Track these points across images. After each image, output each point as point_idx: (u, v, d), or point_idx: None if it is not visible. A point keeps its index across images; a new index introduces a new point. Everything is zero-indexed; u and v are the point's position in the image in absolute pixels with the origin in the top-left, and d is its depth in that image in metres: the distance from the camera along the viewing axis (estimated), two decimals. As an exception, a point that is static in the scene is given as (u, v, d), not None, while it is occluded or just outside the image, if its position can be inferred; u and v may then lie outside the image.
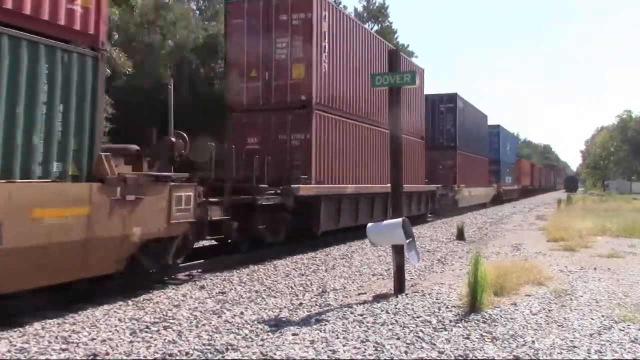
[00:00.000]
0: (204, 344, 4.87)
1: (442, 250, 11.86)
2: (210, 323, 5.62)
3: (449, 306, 6.20)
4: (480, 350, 4.71)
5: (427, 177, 20.47)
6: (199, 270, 8.80)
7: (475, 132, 29.47)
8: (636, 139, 75.73)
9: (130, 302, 6.52)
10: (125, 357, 4.57)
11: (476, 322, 5.54)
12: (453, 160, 24.69)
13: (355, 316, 5.82)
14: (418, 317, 5.73)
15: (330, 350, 4.67)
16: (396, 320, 5.62)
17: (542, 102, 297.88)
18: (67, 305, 6.16)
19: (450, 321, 5.60)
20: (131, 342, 4.95)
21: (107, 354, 4.62)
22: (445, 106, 25.15)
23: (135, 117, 18.71)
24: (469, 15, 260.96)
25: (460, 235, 13.96)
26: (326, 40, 12.32)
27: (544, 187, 73.20)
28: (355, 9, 45.59)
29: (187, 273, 8.56)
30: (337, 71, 12.88)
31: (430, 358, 4.53)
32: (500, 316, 5.76)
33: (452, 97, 25.47)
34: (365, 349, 4.71)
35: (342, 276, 8.57)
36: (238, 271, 8.91)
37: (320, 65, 12.00)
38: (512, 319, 5.69)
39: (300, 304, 6.57)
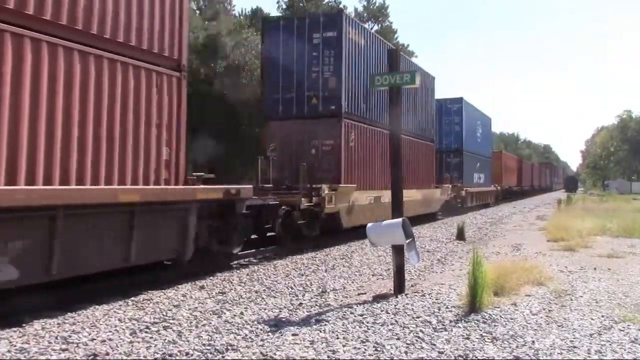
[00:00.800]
0: (204, 344, 4.88)
1: (442, 250, 11.85)
2: (210, 323, 5.62)
3: (449, 306, 6.20)
4: (481, 350, 4.71)
5: (273, 174, 12.29)
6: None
7: (406, 99, 17.19)
8: (636, 139, 75.90)
9: (130, 302, 6.52)
10: (125, 357, 4.57)
11: (476, 322, 5.54)
12: (336, 138, 13.02)
13: (355, 316, 5.81)
14: (418, 317, 5.73)
15: (330, 351, 4.67)
16: (396, 321, 5.62)
17: (542, 102, 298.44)
18: (67, 305, 6.15)
19: (450, 321, 5.60)
20: (131, 342, 4.95)
21: (107, 354, 4.62)
22: (323, 36, 13.17)
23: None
24: (468, 15, 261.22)
25: (460, 235, 13.96)
26: None
27: (537, 189, 62.10)
28: (356, 9, 45.67)
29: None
30: None
31: (430, 358, 4.53)
32: (500, 316, 5.76)
33: (334, 21, 13.20)
34: (365, 349, 4.71)
35: (342, 276, 8.57)
36: (238, 271, 8.91)
37: None
38: (512, 319, 5.69)
39: (300, 304, 6.57)
